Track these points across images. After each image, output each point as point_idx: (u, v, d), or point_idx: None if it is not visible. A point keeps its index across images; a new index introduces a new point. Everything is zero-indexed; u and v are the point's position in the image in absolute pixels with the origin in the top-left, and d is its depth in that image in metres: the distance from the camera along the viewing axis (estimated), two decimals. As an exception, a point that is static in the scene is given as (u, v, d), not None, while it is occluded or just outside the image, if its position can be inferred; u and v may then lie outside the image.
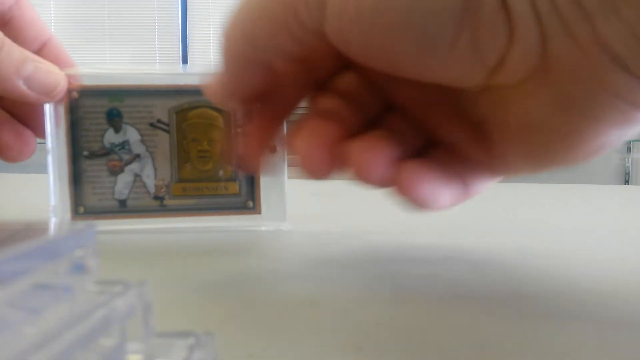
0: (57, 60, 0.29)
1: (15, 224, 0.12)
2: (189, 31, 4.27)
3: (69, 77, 0.29)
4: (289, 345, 0.15)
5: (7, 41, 0.25)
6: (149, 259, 0.26)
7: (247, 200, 0.32)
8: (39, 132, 0.30)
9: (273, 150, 0.32)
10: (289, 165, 0.32)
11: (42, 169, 0.32)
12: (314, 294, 0.20)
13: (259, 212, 0.32)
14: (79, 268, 0.11)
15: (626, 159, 2.75)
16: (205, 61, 4.31)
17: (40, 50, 0.30)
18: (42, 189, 0.31)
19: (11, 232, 0.11)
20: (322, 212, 0.43)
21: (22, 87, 0.26)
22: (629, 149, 2.75)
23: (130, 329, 0.11)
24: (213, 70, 0.20)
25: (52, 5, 4.10)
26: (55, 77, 0.27)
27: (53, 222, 0.30)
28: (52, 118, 0.30)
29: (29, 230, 0.12)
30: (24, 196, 0.49)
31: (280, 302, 0.19)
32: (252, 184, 0.32)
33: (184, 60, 4.26)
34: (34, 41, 0.30)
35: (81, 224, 0.11)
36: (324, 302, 0.19)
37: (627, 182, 2.72)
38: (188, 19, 4.27)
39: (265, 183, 0.32)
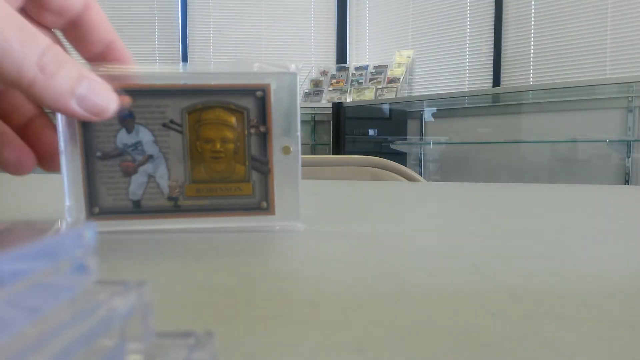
0: (119, 62, 0.30)
1: (17, 222, 0.12)
2: (189, 31, 4.27)
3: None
4: (289, 345, 0.15)
5: (69, 59, 0.25)
6: (154, 259, 0.26)
7: (261, 200, 0.32)
8: (40, 156, 0.30)
9: (287, 151, 0.31)
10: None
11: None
12: (313, 294, 0.20)
13: (273, 213, 0.32)
14: (79, 268, 0.11)
15: (626, 159, 2.75)
16: (204, 61, 4.31)
17: (104, 51, 0.31)
18: (58, 189, 0.31)
19: (13, 231, 0.11)
20: (323, 211, 0.43)
21: (73, 105, 0.26)
22: (629, 149, 2.75)
23: (130, 329, 0.11)
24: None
25: (52, 5, 4.09)
26: (108, 97, 0.27)
27: (67, 223, 0.30)
28: (64, 119, 0.29)
29: (30, 230, 0.12)
30: (40, 196, 0.49)
31: (280, 302, 0.19)
32: (266, 184, 0.32)
33: (184, 60, 4.26)
34: (99, 43, 0.30)
35: (82, 224, 0.11)
36: (324, 302, 0.19)
37: (627, 182, 2.72)
38: (188, 19, 4.27)
39: (279, 183, 0.32)
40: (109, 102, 0.27)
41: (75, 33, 0.29)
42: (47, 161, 0.30)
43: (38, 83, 0.24)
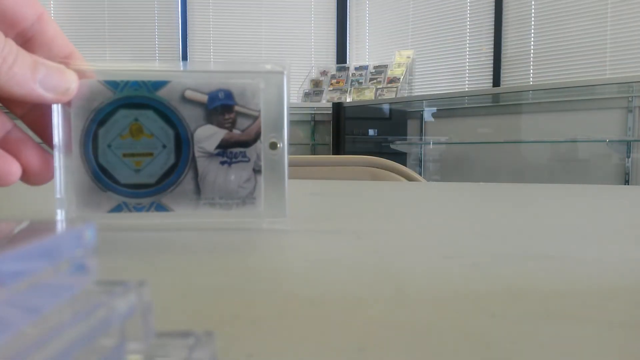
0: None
1: (17, 222, 0.12)
2: (189, 31, 4.27)
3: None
4: (289, 345, 0.15)
5: (19, 49, 0.26)
6: (150, 258, 0.26)
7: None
8: (23, 170, 0.30)
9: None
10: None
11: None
12: (314, 294, 0.20)
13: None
14: (79, 268, 0.11)
15: (626, 159, 2.75)
16: (204, 61, 4.31)
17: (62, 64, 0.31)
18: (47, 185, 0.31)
19: (14, 231, 0.11)
20: (323, 211, 0.43)
21: (38, 89, 0.27)
22: (629, 149, 2.75)
23: (130, 329, 0.11)
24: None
25: (52, 5, 4.09)
26: (67, 75, 0.29)
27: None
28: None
29: (30, 229, 0.12)
30: (39, 196, 0.49)
31: (280, 302, 0.19)
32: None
33: (184, 60, 4.25)
34: (55, 57, 0.30)
35: (81, 224, 0.11)
36: (324, 302, 0.19)
37: (627, 182, 2.72)
38: (188, 19, 4.27)
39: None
40: (69, 79, 0.29)
41: (29, 46, 0.29)
42: (29, 175, 0.30)
43: (2, 74, 0.25)
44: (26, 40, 0.29)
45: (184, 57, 4.25)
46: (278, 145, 0.32)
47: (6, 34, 0.30)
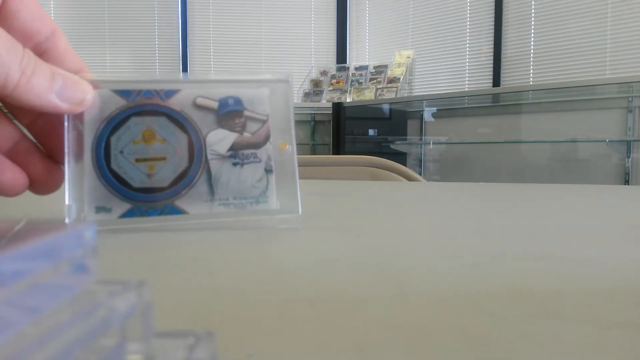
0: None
1: (17, 222, 0.12)
2: (189, 31, 4.27)
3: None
4: (289, 345, 0.15)
5: (37, 60, 0.27)
6: (150, 257, 0.26)
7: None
8: (30, 180, 0.31)
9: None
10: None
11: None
12: (314, 294, 0.20)
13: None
14: (79, 268, 0.11)
15: (626, 159, 2.75)
16: (204, 62, 4.31)
17: None
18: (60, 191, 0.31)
19: (12, 230, 0.11)
20: (323, 211, 0.43)
21: (55, 100, 0.28)
22: (629, 149, 2.75)
23: (130, 329, 0.11)
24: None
25: (52, 5, 4.09)
26: (83, 86, 0.29)
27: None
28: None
29: (30, 229, 0.12)
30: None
31: (280, 302, 0.19)
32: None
33: (184, 61, 4.26)
34: (68, 71, 0.31)
35: (81, 224, 0.11)
36: (324, 302, 0.19)
37: (627, 182, 2.72)
38: (188, 19, 4.27)
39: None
40: (85, 89, 0.29)
41: (42, 60, 0.30)
42: (36, 184, 0.30)
43: (21, 85, 0.26)
44: (40, 54, 0.30)
45: (184, 58, 4.25)
46: (287, 146, 0.34)
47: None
